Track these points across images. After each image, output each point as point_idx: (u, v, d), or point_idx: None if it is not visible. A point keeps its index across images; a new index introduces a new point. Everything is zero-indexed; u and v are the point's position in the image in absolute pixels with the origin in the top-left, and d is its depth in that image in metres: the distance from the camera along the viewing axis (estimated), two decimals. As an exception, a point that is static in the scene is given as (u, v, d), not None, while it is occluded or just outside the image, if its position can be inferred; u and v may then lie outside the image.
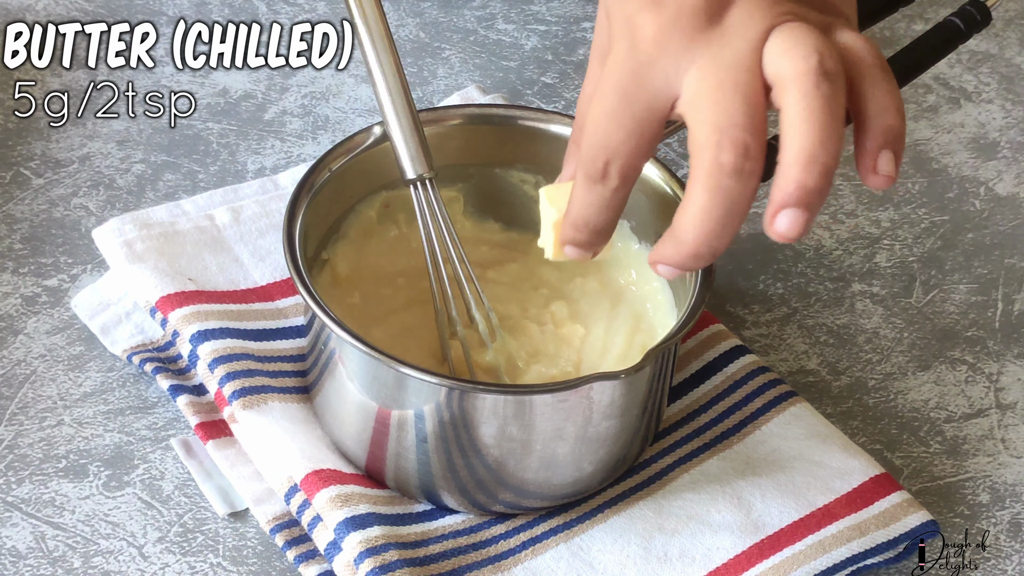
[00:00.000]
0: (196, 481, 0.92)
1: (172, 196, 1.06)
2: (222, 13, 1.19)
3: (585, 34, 1.21)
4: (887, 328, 1.04)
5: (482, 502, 0.89)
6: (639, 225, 0.96)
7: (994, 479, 0.96)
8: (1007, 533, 0.94)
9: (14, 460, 0.92)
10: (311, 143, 1.11)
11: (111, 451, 0.93)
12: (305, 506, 0.89)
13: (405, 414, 0.86)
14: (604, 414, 0.86)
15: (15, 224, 1.04)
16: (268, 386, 0.93)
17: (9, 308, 0.99)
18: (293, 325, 0.97)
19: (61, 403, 0.95)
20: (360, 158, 0.95)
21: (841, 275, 1.07)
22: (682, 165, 1.12)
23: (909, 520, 0.91)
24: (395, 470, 0.89)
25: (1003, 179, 1.14)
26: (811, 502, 0.91)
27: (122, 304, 0.99)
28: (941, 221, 1.11)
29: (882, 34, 1.23)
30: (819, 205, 0.74)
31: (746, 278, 1.06)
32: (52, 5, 1.18)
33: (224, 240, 1.00)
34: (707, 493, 0.92)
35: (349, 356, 0.87)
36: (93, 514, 0.90)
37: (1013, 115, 1.18)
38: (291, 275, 0.87)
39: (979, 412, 1.00)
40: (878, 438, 0.98)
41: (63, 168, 1.07)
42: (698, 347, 0.98)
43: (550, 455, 0.87)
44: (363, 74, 1.16)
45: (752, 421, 0.95)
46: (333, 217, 0.95)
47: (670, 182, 0.94)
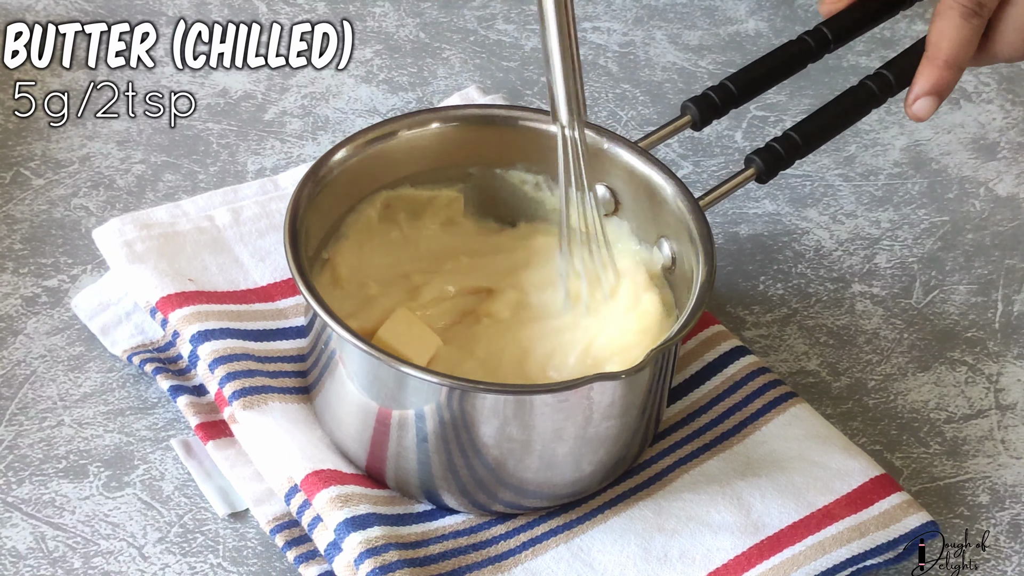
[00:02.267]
0: (196, 481, 0.92)
1: (172, 197, 1.06)
2: (222, 13, 1.19)
3: (585, 34, 1.21)
4: (887, 329, 1.04)
5: (482, 502, 0.89)
6: (639, 226, 0.96)
7: (994, 480, 0.96)
8: (1007, 534, 0.94)
9: (14, 460, 0.92)
10: (311, 143, 1.11)
11: (111, 451, 0.93)
12: (305, 506, 0.89)
13: (405, 414, 0.86)
14: (604, 414, 0.86)
15: (15, 224, 1.04)
16: (268, 386, 0.93)
17: (9, 308, 0.99)
18: (293, 325, 0.97)
19: (61, 403, 0.95)
20: (361, 158, 0.94)
21: (841, 276, 1.07)
22: (682, 165, 1.12)
23: (909, 521, 0.91)
24: (395, 470, 0.89)
25: (1003, 179, 1.14)
26: (811, 503, 0.91)
27: (122, 304, 0.99)
28: (941, 222, 1.11)
29: (882, 34, 1.23)
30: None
31: (746, 279, 1.06)
32: (52, 5, 1.18)
33: (224, 240, 1.00)
34: (707, 494, 0.92)
35: (350, 356, 0.87)
36: (93, 514, 0.90)
37: (1013, 115, 1.18)
38: (292, 274, 0.87)
39: (979, 413, 1.00)
40: (878, 439, 0.98)
41: (63, 168, 1.07)
42: (698, 348, 0.98)
43: (550, 455, 0.87)
44: (363, 74, 1.16)
45: (752, 422, 0.95)
46: (334, 217, 0.95)
47: (670, 182, 0.94)
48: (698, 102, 0.97)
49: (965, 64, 0.97)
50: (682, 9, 1.24)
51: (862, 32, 1.01)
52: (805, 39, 0.99)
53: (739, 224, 1.09)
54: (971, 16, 0.96)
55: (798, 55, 1.00)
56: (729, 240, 1.08)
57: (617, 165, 0.96)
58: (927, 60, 0.97)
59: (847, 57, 1.21)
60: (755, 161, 0.96)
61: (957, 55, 0.96)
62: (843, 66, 1.20)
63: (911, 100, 0.97)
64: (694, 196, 0.93)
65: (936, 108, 0.97)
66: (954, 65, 0.96)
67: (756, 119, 1.16)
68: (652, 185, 0.94)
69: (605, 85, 1.17)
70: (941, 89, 0.97)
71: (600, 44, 1.20)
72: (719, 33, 1.22)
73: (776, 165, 0.96)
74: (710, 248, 0.90)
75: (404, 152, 0.96)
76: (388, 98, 1.15)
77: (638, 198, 0.95)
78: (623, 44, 1.21)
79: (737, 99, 0.98)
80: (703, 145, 1.14)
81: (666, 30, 1.22)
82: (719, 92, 0.97)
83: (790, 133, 0.96)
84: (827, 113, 0.98)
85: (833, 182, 1.12)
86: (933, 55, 0.96)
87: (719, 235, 1.08)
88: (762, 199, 1.11)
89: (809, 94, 1.18)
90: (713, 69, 1.19)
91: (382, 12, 1.21)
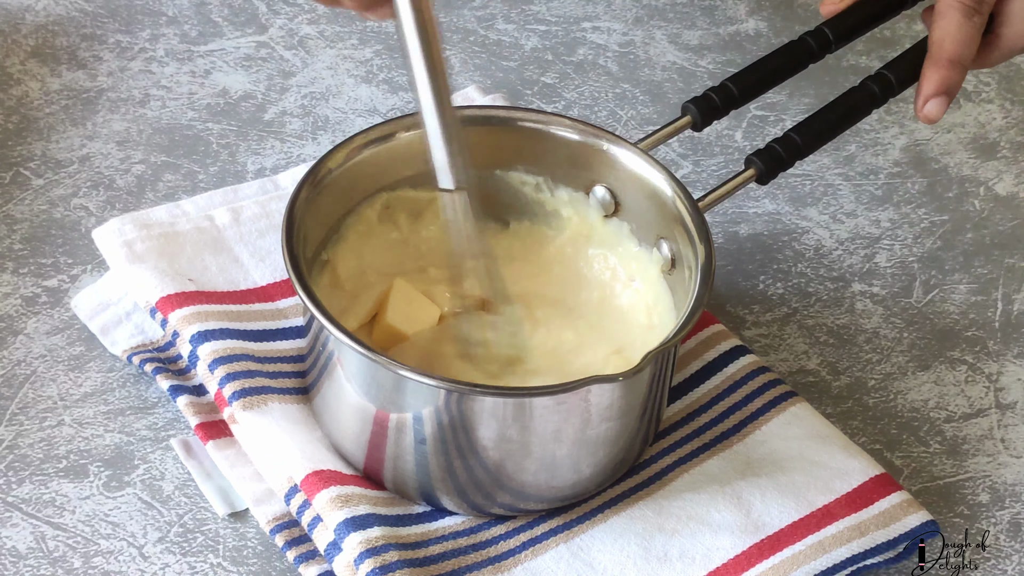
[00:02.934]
0: (196, 481, 0.92)
1: (172, 196, 1.06)
2: (222, 13, 1.19)
3: (585, 34, 1.21)
4: (887, 328, 1.04)
5: (480, 504, 0.89)
6: (639, 227, 0.96)
7: (994, 479, 0.96)
8: (1007, 533, 0.94)
9: (14, 460, 0.92)
10: (311, 143, 1.11)
11: (111, 451, 0.93)
12: (305, 506, 0.89)
13: (403, 416, 0.86)
14: (603, 416, 0.86)
15: (15, 224, 1.04)
16: (268, 387, 0.93)
17: (9, 308, 0.99)
18: (293, 326, 0.97)
19: (61, 403, 0.95)
20: (360, 159, 0.94)
21: (841, 275, 1.07)
22: (682, 165, 1.12)
23: (909, 520, 0.91)
24: (393, 472, 0.89)
25: (1003, 179, 1.14)
26: (811, 502, 0.91)
27: (122, 304, 0.99)
28: (941, 221, 1.11)
29: (882, 34, 1.23)
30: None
31: (746, 278, 1.06)
32: (52, 5, 1.18)
33: (224, 240, 1.00)
34: (707, 493, 0.92)
35: (348, 358, 0.87)
36: (93, 514, 0.90)
37: (1013, 115, 1.18)
38: (290, 276, 0.87)
39: (979, 412, 1.00)
40: (878, 438, 0.98)
41: (63, 168, 1.07)
42: (698, 347, 0.98)
43: (549, 457, 0.87)
44: (363, 74, 1.16)
45: (752, 421, 0.95)
46: (333, 218, 0.95)
47: (670, 183, 0.94)
48: (698, 103, 0.97)
49: (969, 62, 0.97)
50: (682, 9, 1.24)
51: (863, 32, 1.01)
52: (806, 39, 0.99)
53: (739, 223, 1.09)
54: (972, 14, 0.95)
55: (799, 55, 1.00)
56: (729, 240, 1.08)
57: (616, 166, 0.95)
58: (931, 61, 0.96)
59: (847, 57, 1.21)
60: (755, 162, 0.96)
61: (962, 53, 0.96)
62: (843, 66, 1.20)
63: (921, 103, 0.96)
64: (693, 197, 0.93)
65: (946, 108, 0.96)
66: (959, 64, 0.96)
67: (756, 119, 1.16)
68: (651, 186, 0.94)
69: (605, 85, 1.17)
70: (949, 88, 0.96)
71: (600, 44, 1.20)
72: (719, 33, 1.22)
73: (776, 166, 0.96)
74: (709, 248, 0.90)
75: (403, 154, 0.96)
76: (388, 98, 1.15)
77: (637, 199, 0.95)
78: (623, 44, 1.21)
79: (738, 100, 0.98)
80: (703, 145, 1.14)
81: (666, 30, 1.22)
82: (720, 93, 0.97)
83: (791, 134, 0.96)
84: (828, 114, 0.98)
85: (833, 181, 1.12)
86: (937, 55, 0.96)
87: (719, 235, 1.08)
88: (762, 198, 1.11)
89: (809, 94, 1.18)
90: (713, 69, 1.19)
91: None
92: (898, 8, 1.02)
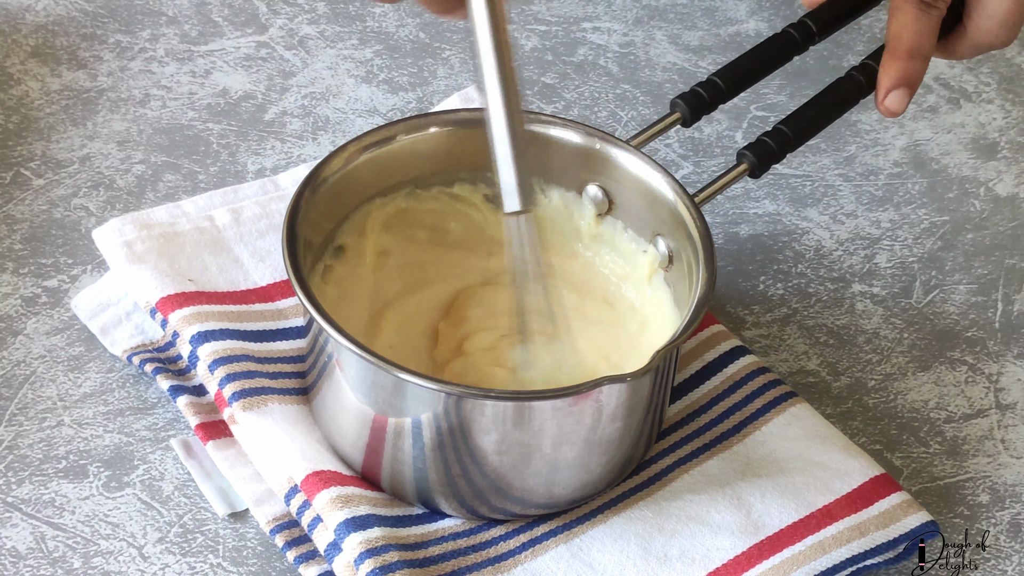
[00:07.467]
0: (196, 482, 0.92)
1: (172, 197, 1.06)
2: (222, 13, 1.19)
3: (585, 34, 1.21)
4: (887, 329, 1.04)
5: (478, 508, 0.89)
6: (634, 224, 0.96)
7: (994, 479, 0.96)
8: (1007, 533, 0.94)
9: (14, 461, 0.92)
10: (311, 144, 1.11)
11: (111, 452, 0.93)
12: (305, 507, 0.89)
13: (403, 420, 0.86)
14: (612, 416, 0.86)
15: (15, 224, 1.04)
16: (268, 387, 0.93)
17: (9, 309, 0.99)
18: (293, 326, 0.97)
19: (61, 404, 0.95)
20: (362, 161, 0.94)
21: (841, 276, 1.07)
22: (681, 165, 1.12)
23: (909, 520, 0.91)
24: (391, 475, 0.89)
25: (1003, 179, 1.14)
26: (811, 503, 0.91)
27: (122, 305, 0.99)
28: (941, 221, 1.11)
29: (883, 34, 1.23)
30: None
31: (746, 279, 1.06)
32: (52, 5, 1.18)
33: (224, 241, 1.00)
34: (707, 494, 0.92)
35: (347, 361, 0.87)
36: (93, 515, 0.90)
37: (1013, 115, 1.18)
38: (290, 278, 0.87)
39: (979, 412, 1.00)
40: (878, 438, 0.98)
41: (63, 168, 1.07)
42: (698, 347, 0.98)
43: (558, 459, 0.87)
44: (363, 74, 1.16)
45: (752, 422, 0.95)
46: (334, 220, 0.95)
47: (665, 178, 0.94)
48: (687, 98, 0.97)
49: (930, 53, 0.96)
50: (682, 9, 1.24)
51: (845, 23, 1.02)
52: (790, 32, 1.00)
53: (739, 224, 1.09)
54: (927, 7, 0.95)
55: (783, 48, 1.00)
56: (729, 240, 1.08)
57: (608, 164, 0.95)
58: (890, 54, 0.96)
59: (847, 57, 1.21)
60: (747, 156, 0.96)
61: (920, 44, 0.95)
62: (843, 66, 1.20)
63: (882, 96, 0.96)
64: (688, 192, 0.93)
65: (909, 100, 0.96)
66: (918, 55, 0.96)
67: (756, 119, 1.16)
68: (645, 182, 0.94)
69: (605, 85, 1.17)
70: (910, 80, 0.96)
71: (600, 44, 1.20)
72: (719, 33, 1.22)
73: (768, 159, 0.96)
74: (710, 246, 0.90)
75: (403, 156, 0.96)
76: (388, 98, 1.15)
77: (631, 196, 0.95)
78: (623, 44, 1.21)
79: (725, 95, 0.98)
80: (703, 145, 1.14)
81: (666, 30, 1.22)
82: (707, 88, 0.98)
83: (780, 127, 0.96)
84: (816, 105, 0.98)
85: (833, 182, 1.12)
86: (895, 47, 0.96)
87: (719, 235, 1.08)
88: (762, 199, 1.11)
89: (809, 94, 1.17)
90: (713, 69, 1.19)
91: (382, 12, 1.21)
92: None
